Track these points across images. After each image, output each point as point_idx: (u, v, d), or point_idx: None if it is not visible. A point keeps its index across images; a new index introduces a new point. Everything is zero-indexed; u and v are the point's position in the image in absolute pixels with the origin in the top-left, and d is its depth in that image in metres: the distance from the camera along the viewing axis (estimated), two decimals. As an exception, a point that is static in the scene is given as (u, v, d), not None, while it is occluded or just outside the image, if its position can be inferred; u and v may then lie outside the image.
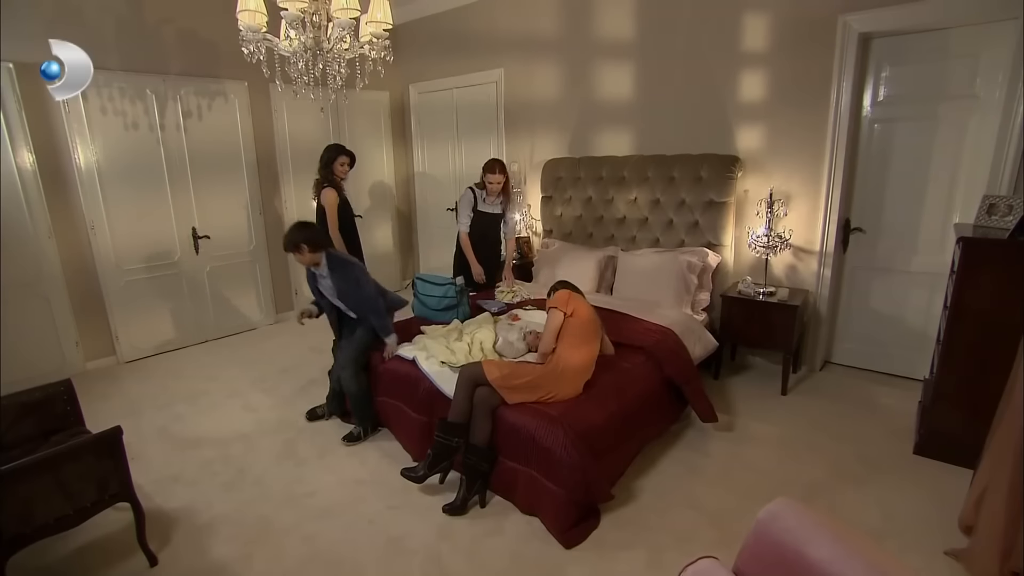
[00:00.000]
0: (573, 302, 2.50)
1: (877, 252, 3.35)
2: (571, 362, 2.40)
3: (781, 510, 1.32)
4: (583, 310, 2.50)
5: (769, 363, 3.61)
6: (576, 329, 2.46)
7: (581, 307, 2.50)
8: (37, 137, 3.52)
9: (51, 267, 3.66)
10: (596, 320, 2.54)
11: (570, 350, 2.42)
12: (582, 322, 2.47)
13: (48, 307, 3.69)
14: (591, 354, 2.46)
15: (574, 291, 2.60)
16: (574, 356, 2.41)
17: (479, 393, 2.35)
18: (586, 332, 2.46)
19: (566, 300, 2.50)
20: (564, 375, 2.38)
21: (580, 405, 2.28)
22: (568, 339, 2.44)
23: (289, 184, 4.87)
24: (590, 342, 2.47)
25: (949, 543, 2.02)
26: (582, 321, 2.47)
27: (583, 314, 2.48)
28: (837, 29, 3.05)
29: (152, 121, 3.99)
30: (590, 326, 2.49)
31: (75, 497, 1.82)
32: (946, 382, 2.50)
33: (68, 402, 2.27)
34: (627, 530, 2.16)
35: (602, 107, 4.12)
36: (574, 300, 2.52)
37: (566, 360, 2.40)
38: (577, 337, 2.44)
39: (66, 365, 3.78)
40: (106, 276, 3.91)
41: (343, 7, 2.33)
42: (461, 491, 2.31)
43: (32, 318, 3.62)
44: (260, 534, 2.21)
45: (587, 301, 2.59)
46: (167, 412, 3.27)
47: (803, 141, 3.29)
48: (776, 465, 2.58)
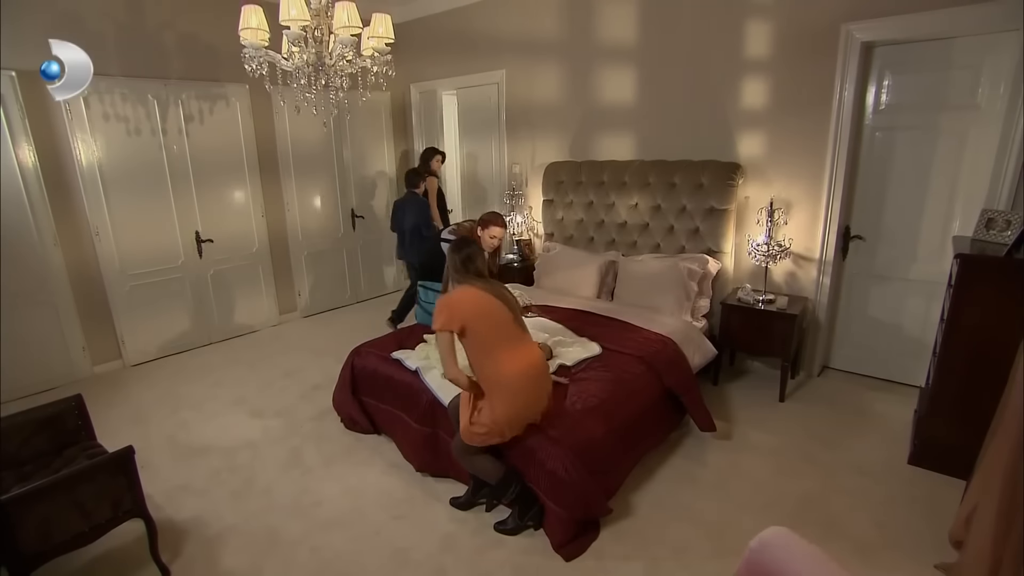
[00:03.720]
0: (460, 307, 1.99)
1: (876, 260, 3.37)
2: (505, 381, 2.01)
3: (772, 539, 1.36)
4: (480, 306, 2.00)
5: (768, 367, 3.65)
6: (484, 336, 2.00)
7: (474, 304, 2.00)
8: (41, 145, 3.54)
9: (57, 274, 3.71)
10: (504, 307, 2.05)
11: (493, 367, 2.02)
12: (488, 325, 1.99)
13: (55, 313, 3.74)
14: (526, 356, 2.05)
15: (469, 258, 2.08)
16: (504, 371, 2.01)
17: (463, 444, 2.21)
18: (500, 335, 2.01)
19: (447, 310, 1.98)
20: (514, 400, 2.04)
21: (581, 421, 2.31)
22: (482, 354, 2.03)
23: (291, 186, 4.88)
24: (512, 341, 2.03)
25: (940, 556, 2.07)
26: (487, 323, 1.99)
27: (483, 311, 2.00)
28: (840, 38, 3.04)
29: (154, 126, 4.00)
30: (501, 322, 2.01)
31: (90, 515, 1.88)
32: (941, 395, 2.54)
33: (79, 417, 2.32)
34: (626, 542, 2.22)
35: (604, 111, 4.11)
36: (461, 303, 2.01)
37: (496, 383, 2.02)
38: (491, 345, 2.01)
39: (73, 370, 3.85)
40: (111, 282, 3.95)
41: (345, 24, 2.34)
42: (513, 516, 2.27)
43: (40, 325, 3.67)
44: (269, 545, 2.27)
45: (490, 284, 2.06)
46: (174, 419, 3.33)
47: (804, 149, 3.30)
48: (772, 475, 2.63)
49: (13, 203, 3.47)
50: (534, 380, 2.11)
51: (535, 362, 2.13)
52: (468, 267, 2.12)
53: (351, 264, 5.51)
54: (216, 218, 4.42)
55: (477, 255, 2.15)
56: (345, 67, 2.57)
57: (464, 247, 2.16)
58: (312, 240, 5.13)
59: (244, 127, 4.47)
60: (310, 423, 3.22)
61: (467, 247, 2.16)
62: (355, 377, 3.07)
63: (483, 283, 2.11)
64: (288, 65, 2.52)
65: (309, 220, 5.08)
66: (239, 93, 4.38)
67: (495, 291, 2.10)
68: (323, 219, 5.20)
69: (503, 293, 2.13)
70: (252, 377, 3.89)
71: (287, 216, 4.90)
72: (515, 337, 2.09)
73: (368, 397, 3.02)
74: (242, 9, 2.47)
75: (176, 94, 4.05)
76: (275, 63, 2.52)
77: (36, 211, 3.57)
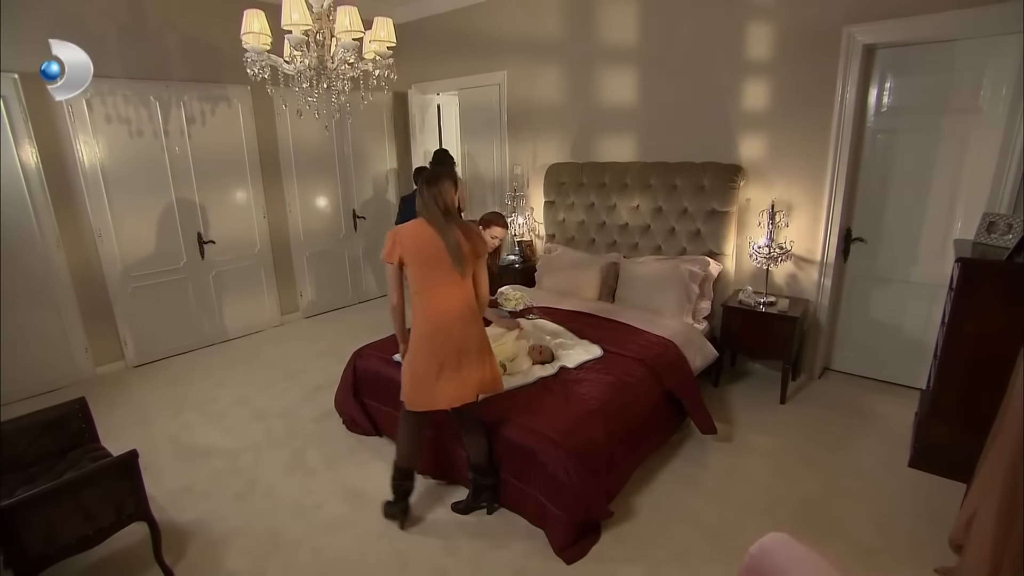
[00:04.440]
0: (401, 239, 2.07)
1: (877, 262, 3.37)
2: (423, 321, 2.10)
3: (772, 545, 1.37)
4: (420, 240, 2.05)
5: (769, 369, 3.66)
6: (416, 272, 2.07)
7: (414, 237, 2.06)
8: (43, 146, 3.55)
9: (59, 275, 3.72)
10: (442, 247, 2.04)
11: (419, 306, 2.10)
12: (420, 261, 2.05)
13: (57, 314, 3.75)
14: (449, 299, 2.09)
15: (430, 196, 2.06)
16: (426, 311, 2.09)
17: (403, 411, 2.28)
18: (431, 273, 2.06)
19: (389, 241, 2.09)
20: (430, 344, 2.10)
21: (582, 423, 2.32)
22: (413, 290, 2.11)
23: (293, 187, 4.89)
24: (441, 284, 2.07)
25: (940, 560, 2.08)
26: (420, 258, 2.05)
27: (420, 246, 2.04)
28: (841, 40, 3.04)
29: (156, 127, 4.01)
30: (434, 260, 2.05)
31: (95, 518, 1.89)
32: (942, 398, 2.54)
33: (83, 419, 2.33)
34: (626, 545, 2.23)
35: (605, 113, 4.11)
36: (403, 235, 2.07)
37: (417, 324, 2.11)
38: (420, 283, 2.08)
39: (76, 371, 3.86)
40: (113, 283, 3.96)
41: (347, 28, 2.34)
42: (468, 497, 2.42)
43: (42, 325, 3.68)
44: (272, 547, 2.28)
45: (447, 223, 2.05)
46: (177, 420, 3.35)
47: (806, 151, 3.30)
48: (773, 478, 2.63)
49: (16, 204, 3.48)
50: (445, 328, 2.10)
51: (454, 307, 2.10)
52: (437, 201, 2.07)
53: (353, 265, 5.52)
54: (218, 219, 4.43)
55: (447, 191, 2.08)
56: (347, 71, 2.57)
57: (436, 182, 2.10)
58: (314, 241, 5.14)
59: (246, 128, 4.48)
60: (312, 424, 3.24)
61: (439, 183, 2.09)
62: (357, 379, 3.08)
63: (439, 221, 2.06)
64: (290, 69, 2.53)
65: (311, 221, 5.09)
66: (241, 94, 4.38)
67: (443, 229, 2.04)
68: (325, 220, 5.21)
69: (452, 236, 2.04)
70: (254, 378, 3.91)
71: (289, 217, 4.91)
72: (447, 281, 2.08)
73: (370, 399, 3.04)
74: (244, 14, 2.47)
75: (178, 95, 4.06)
76: (277, 67, 2.52)
77: (39, 212, 3.58)
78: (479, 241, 2.18)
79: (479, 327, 2.23)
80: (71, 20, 3.55)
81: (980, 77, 2.86)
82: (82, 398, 2.36)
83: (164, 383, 3.88)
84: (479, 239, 2.19)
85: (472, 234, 2.16)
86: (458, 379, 2.17)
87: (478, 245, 2.17)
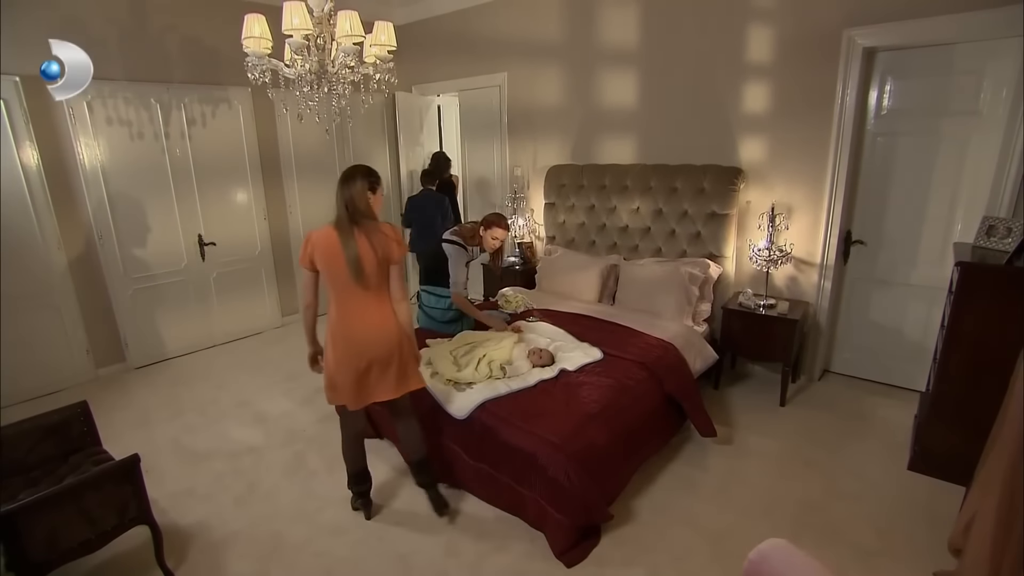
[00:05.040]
0: (312, 245, 2.04)
1: (877, 264, 3.38)
2: (331, 325, 2.08)
3: (771, 551, 1.38)
4: (327, 248, 2.00)
5: (769, 372, 3.66)
6: (325, 278, 2.04)
7: (323, 244, 2.02)
8: (44, 148, 3.55)
9: (60, 277, 3.73)
10: (341, 256, 2.00)
11: (330, 309, 2.08)
12: (325, 267, 2.02)
13: (58, 316, 3.76)
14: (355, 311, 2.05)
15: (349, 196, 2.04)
16: (333, 315, 2.08)
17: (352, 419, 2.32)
18: (335, 280, 2.03)
19: (303, 246, 2.07)
20: (335, 346, 2.09)
21: (582, 427, 2.33)
22: (327, 293, 2.06)
23: (293, 188, 4.90)
24: (345, 291, 2.03)
25: (940, 563, 2.09)
26: (325, 265, 2.01)
27: (327, 253, 2.00)
28: (842, 43, 3.04)
29: (157, 129, 4.01)
30: (335, 268, 2.00)
31: (97, 522, 1.90)
32: (941, 402, 2.54)
33: (85, 423, 2.34)
34: (626, 548, 2.24)
35: (605, 115, 4.11)
36: (315, 241, 2.04)
37: (329, 326, 2.10)
38: (330, 288, 2.05)
39: (77, 373, 3.87)
40: (114, 285, 3.97)
41: (347, 33, 2.35)
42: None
43: (43, 327, 3.69)
44: (274, 550, 2.29)
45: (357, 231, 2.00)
46: (178, 422, 3.35)
47: (806, 153, 3.30)
48: (773, 481, 2.64)
49: (17, 206, 3.49)
50: (351, 339, 2.09)
51: (362, 317, 2.08)
52: (347, 204, 2.05)
53: (353, 266, 5.51)
54: (219, 221, 4.43)
55: (360, 197, 2.03)
56: (347, 74, 2.58)
57: (346, 181, 2.06)
58: (314, 242, 5.14)
59: (246, 130, 4.48)
60: (313, 427, 3.24)
61: (348, 182, 2.05)
62: (358, 381, 3.07)
63: (343, 226, 2.03)
64: (291, 73, 2.53)
65: (312, 222, 5.08)
66: (241, 96, 4.39)
67: (345, 236, 2.00)
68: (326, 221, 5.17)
69: (352, 245, 1.99)
70: (255, 380, 3.91)
71: (289, 219, 4.92)
72: (353, 291, 2.06)
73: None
74: (245, 18, 2.48)
75: (179, 98, 4.07)
76: (278, 71, 2.53)
77: (40, 214, 3.59)
78: (392, 246, 2.08)
79: (396, 336, 2.15)
80: (72, 23, 3.55)
81: (980, 80, 2.86)
82: (84, 402, 2.37)
83: (165, 385, 3.88)
84: (392, 243, 2.08)
85: (383, 238, 2.05)
86: (366, 385, 2.20)
87: (390, 250, 2.07)
